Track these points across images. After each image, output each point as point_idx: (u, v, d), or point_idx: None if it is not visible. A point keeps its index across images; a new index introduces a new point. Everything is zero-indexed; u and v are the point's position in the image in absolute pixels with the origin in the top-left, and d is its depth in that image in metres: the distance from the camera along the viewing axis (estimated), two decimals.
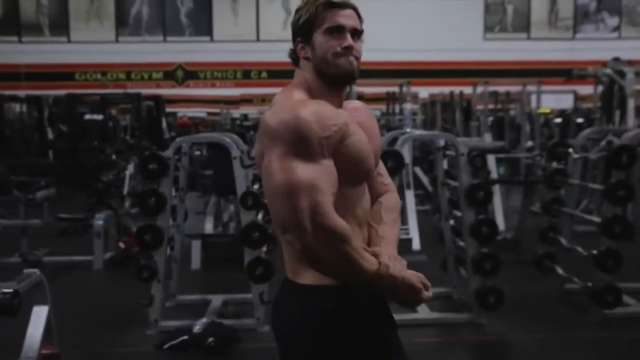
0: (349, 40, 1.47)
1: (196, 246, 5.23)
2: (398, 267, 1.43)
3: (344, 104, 1.59)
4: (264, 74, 16.48)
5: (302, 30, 1.50)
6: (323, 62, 1.48)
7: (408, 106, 10.66)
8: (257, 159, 1.50)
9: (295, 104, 1.42)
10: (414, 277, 1.46)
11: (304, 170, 1.36)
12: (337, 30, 1.47)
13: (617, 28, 17.16)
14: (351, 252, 1.37)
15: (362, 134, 1.50)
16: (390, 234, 1.56)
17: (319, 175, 1.37)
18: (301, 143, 1.36)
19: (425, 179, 7.47)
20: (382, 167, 1.69)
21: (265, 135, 1.41)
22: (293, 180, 1.35)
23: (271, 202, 1.41)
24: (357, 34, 1.50)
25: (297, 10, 1.53)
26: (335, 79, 1.49)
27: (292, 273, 1.51)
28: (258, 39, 16.39)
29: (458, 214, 4.28)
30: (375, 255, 1.43)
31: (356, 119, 1.54)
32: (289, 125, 1.37)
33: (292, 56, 1.55)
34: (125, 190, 6.32)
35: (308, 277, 1.47)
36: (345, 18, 1.48)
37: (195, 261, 5.23)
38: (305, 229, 1.34)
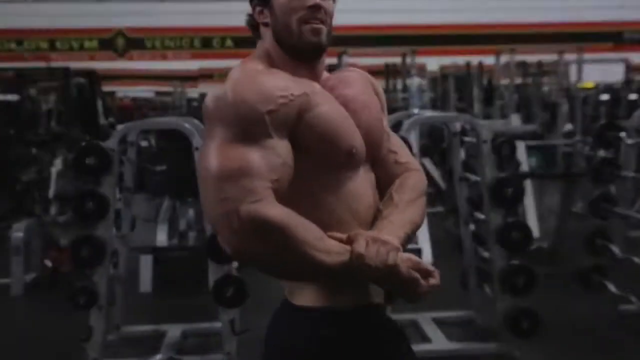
0: None
1: (146, 262, 5.24)
2: (381, 253, 1.40)
3: (336, 73, 1.64)
4: (228, 42, 16.47)
5: None
6: (285, 29, 1.51)
7: (415, 81, 10.69)
8: None
9: (237, 78, 1.46)
10: (407, 262, 1.44)
11: (236, 154, 1.39)
12: None
13: None
14: (295, 243, 1.36)
15: (335, 106, 1.53)
16: (398, 216, 1.55)
17: (254, 157, 1.39)
18: (236, 121, 1.40)
19: (436, 173, 7.53)
20: (396, 144, 1.71)
21: (203, 117, 1.47)
22: (221, 166, 1.38)
23: (200, 195, 1.44)
24: None
25: None
26: (297, 51, 1.53)
27: (288, 291, 1.57)
28: None
29: (480, 216, 4.32)
30: (350, 241, 1.43)
31: (337, 91, 1.57)
32: (224, 101, 1.42)
33: (249, 23, 1.60)
34: (52, 192, 6.29)
35: (303, 298, 1.52)
36: None
37: (145, 282, 5.24)
38: (231, 225, 1.35)
